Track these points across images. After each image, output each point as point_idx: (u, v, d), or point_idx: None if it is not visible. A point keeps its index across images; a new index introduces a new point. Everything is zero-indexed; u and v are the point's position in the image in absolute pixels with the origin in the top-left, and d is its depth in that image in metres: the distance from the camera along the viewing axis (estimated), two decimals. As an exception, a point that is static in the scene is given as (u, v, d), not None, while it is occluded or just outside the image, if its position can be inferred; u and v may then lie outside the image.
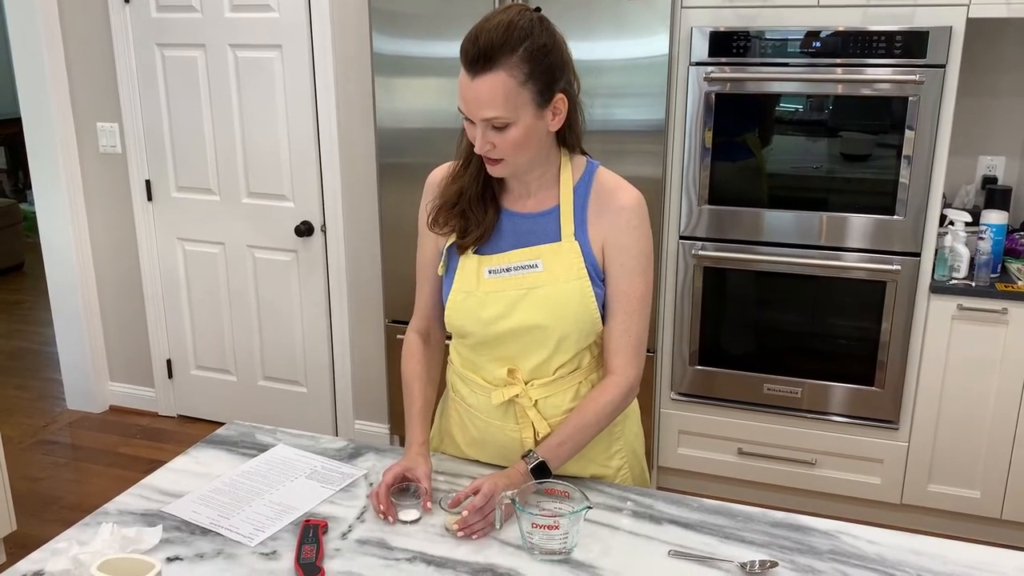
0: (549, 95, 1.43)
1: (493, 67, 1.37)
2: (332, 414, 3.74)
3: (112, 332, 4.02)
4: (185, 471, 1.70)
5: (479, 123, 1.42)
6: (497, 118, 1.40)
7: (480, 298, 1.56)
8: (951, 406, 2.90)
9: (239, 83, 3.45)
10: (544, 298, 1.53)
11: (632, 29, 2.82)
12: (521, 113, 1.41)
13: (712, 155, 2.93)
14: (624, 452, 1.71)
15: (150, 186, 3.72)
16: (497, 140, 1.43)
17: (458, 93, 1.43)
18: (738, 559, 1.40)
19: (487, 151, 1.45)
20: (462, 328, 1.60)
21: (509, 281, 1.55)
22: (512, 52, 1.37)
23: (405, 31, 3.04)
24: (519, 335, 1.56)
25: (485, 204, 1.57)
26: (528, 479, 1.50)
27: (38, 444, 3.77)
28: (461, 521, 1.46)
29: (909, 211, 2.79)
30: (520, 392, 1.59)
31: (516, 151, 1.45)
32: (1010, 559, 1.42)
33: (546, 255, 1.54)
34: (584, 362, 1.62)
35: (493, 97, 1.39)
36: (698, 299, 3.07)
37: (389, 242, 3.28)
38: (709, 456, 3.21)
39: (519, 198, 1.58)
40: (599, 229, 1.54)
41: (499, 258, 1.56)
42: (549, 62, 1.42)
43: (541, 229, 1.56)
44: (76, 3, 3.61)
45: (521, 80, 1.39)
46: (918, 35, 2.65)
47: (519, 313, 1.54)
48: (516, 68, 1.38)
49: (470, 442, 1.72)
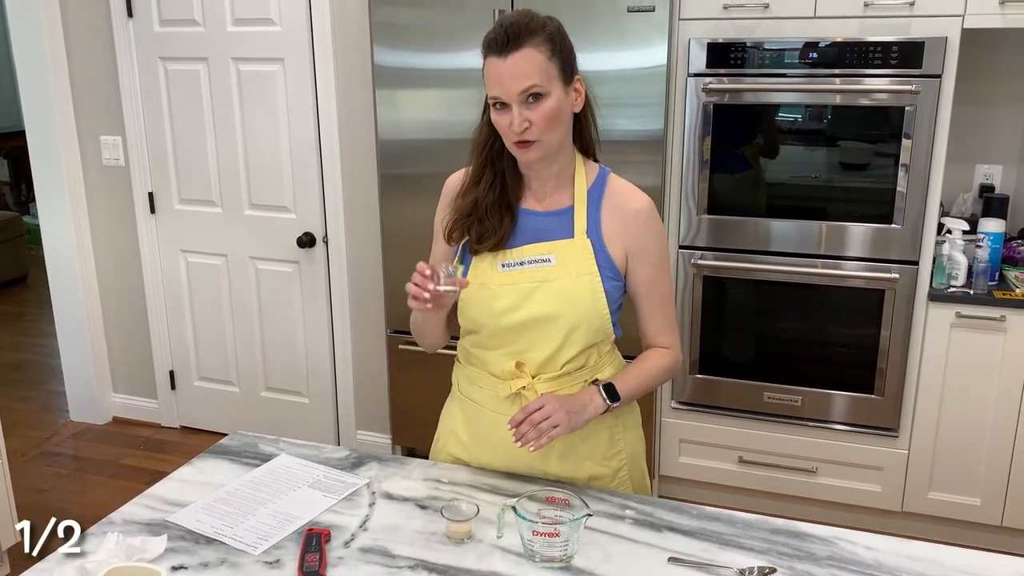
0: (571, 73, 1.56)
1: (522, 45, 1.50)
2: (334, 424, 3.75)
3: (115, 344, 4.04)
4: (189, 481, 1.72)
5: (516, 100, 1.50)
6: (535, 86, 1.50)
7: (493, 290, 1.61)
8: (951, 413, 2.91)
9: (241, 96, 3.48)
10: (556, 290, 1.59)
11: (631, 40, 2.84)
12: (552, 86, 1.52)
13: (711, 165, 2.95)
14: (624, 455, 1.74)
15: (153, 198, 3.74)
16: (532, 115, 1.51)
17: (488, 82, 1.53)
18: (737, 566, 1.42)
19: (523, 130, 1.52)
20: (475, 320, 1.65)
21: (522, 274, 1.61)
22: (536, 33, 1.51)
23: (406, 43, 3.07)
24: (530, 327, 1.60)
25: (501, 212, 1.63)
26: (597, 396, 1.60)
27: (42, 456, 3.79)
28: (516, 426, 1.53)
29: (907, 220, 2.81)
30: (527, 385, 1.63)
31: (549, 127, 1.53)
32: (1005, 564, 1.44)
33: (559, 250, 1.61)
34: (591, 361, 1.66)
35: (530, 67, 1.49)
36: (698, 308, 3.08)
37: (391, 253, 3.30)
38: (710, 465, 3.22)
39: (536, 199, 1.65)
40: (615, 231, 1.62)
41: (513, 253, 1.62)
42: (567, 45, 1.56)
43: (555, 227, 1.63)
44: (80, 17, 3.65)
45: (548, 55, 1.51)
46: (914, 45, 2.67)
47: (531, 304, 1.60)
48: (543, 44, 1.51)
49: (475, 439, 1.74)
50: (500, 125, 1.54)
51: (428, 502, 1.63)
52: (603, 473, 1.72)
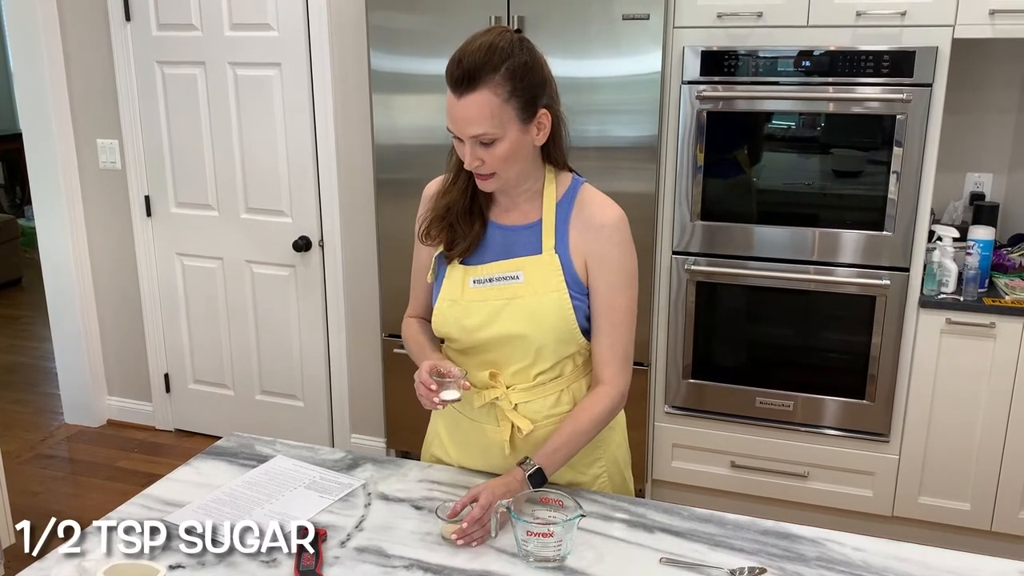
0: (532, 111, 1.50)
1: (477, 86, 1.45)
2: (329, 428, 3.76)
3: (110, 347, 4.04)
4: (186, 481, 1.74)
5: (467, 140, 1.49)
6: (484, 134, 1.47)
7: (464, 306, 1.62)
8: (941, 419, 2.93)
9: (238, 100, 3.50)
10: (524, 308, 1.59)
11: (626, 48, 2.87)
12: (507, 128, 1.48)
13: (704, 171, 2.97)
14: (604, 461, 1.75)
15: (149, 202, 3.76)
16: (485, 156, 1.50)
17: (446, 114, 1.50)
18: (728, 566, 1.44)
19: (476, 167, 1.52)
20: (447, 334, 1.67)
21: (492, 291, 1.61)
22: (495, 71, 1.45)
23: (402, 48, 3.09)
24: (501, 343, 1.62)
25: (472, 218, 1.63)
26: (525, 486, 1.54)
27: (36, 458, 3.79)
28: (459, 531, 1.49)
29: (898, 227, 2.83)
30: (500, 395, 1.64)
31: (504, 165, 1.51)
32: (990, 565, 1.47)
33: (527, 267, 1.60)
34: (566, 370, 1.66)
35: (479, 114, 1.46)
36: (691, 313, 3.10)
37: (386, 257, 3.32)
38: (702, 469, 3.24)
39: (505, 211, 1.64)
40: (581, 244, 1.59)
41: (483, 269, 1.62)
42: (531, 80, 1.49)
43: (524, 241, 1.62)
44: (77, 21, 3.66)
45: (504, 97, 1.46)
46: (906, 55, 2.70)
47: (500, 322, 1.60)
48: (499, 86, 1.45)
49: (457, 444, 1.77)
50: (458, 152, 1.54)
51: (423, 503, 1.65)
52: (581, 480, 1.73)
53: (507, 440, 1.66)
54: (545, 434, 1.63)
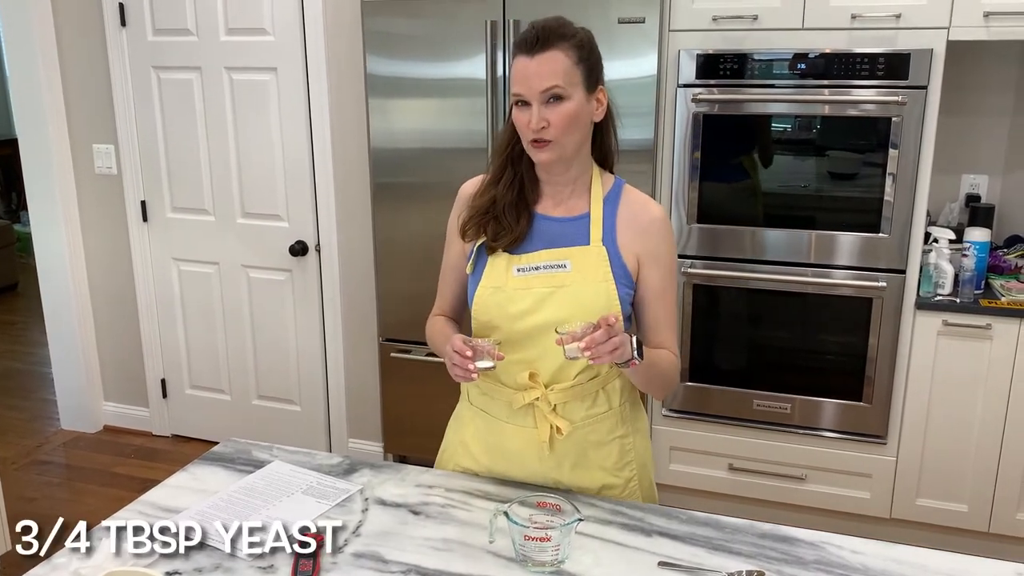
0: (595, 82, 1.60)
1: (550, 47, 1.55)
2: (326, 433, 3.76)
3: (106, 352, 4.04)
4: (183, 487, 1.73)
5: (536, 99, 1.54)
6: (555, 87, 1.54)
7: (508, 294, 1.63)
8: (938, 421, 2.94)
9: (234, 105, 3.50)
10: (571, 296, 1.61)
11: (622, 51, 2.87)
12: (574, 90, 1.56)
13: (701, 174, 2.97)
14: (635, 464, 1.75)
15: (145, 207, 3.75)
16: (551, 116, 1.54)
17: (513, 80, 1.58)
18: (726, 570, 1.43)
19: (540, 129, 1.55)
20: (490, 322, 1.66)
21: (537, 279, 1.63)
22: (565, 39, 1.56)
23: (398, 53, 3.09)
24: (544, 333, 1.60)
25: (518, 212, 1.65)
26: (629, 346, 1.50)
27: (32, 464, 3.78)
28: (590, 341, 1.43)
29: (894, 229, 2.84)
30: (540, 396, 1.64)
31: (566, 130, 1.56)
32: (987, 567, 1.47)
33: (575, 257, 1.63)
34: (603, 370, 1.67)
35: (552, 69, 1.54)
36: (689, 316, 3.11)
37: (383, 261, 3.31)
38: (701, 472, 3.24)
39: (553, 205, 1.67)
40: (630, 239, 1.64)
41: (528, 257, 1.64)
42: (595, 55, 1.61)
43: (571, 233, 1.65)
44: (73, 26, 3.66)
45: (575, 60, 1.56)
46: (901, 57, 2.71)
47: (546, 310, 1.61)
48: (570, 50, 1.56)
49: (487, 450, 1.75)
50: (519, 122, 1.57)
51: (421, 508, 1.64)
52: (615, 483, 1.72)
53: (546, 441, 1.66)
54: (583, 435, 1.67)
